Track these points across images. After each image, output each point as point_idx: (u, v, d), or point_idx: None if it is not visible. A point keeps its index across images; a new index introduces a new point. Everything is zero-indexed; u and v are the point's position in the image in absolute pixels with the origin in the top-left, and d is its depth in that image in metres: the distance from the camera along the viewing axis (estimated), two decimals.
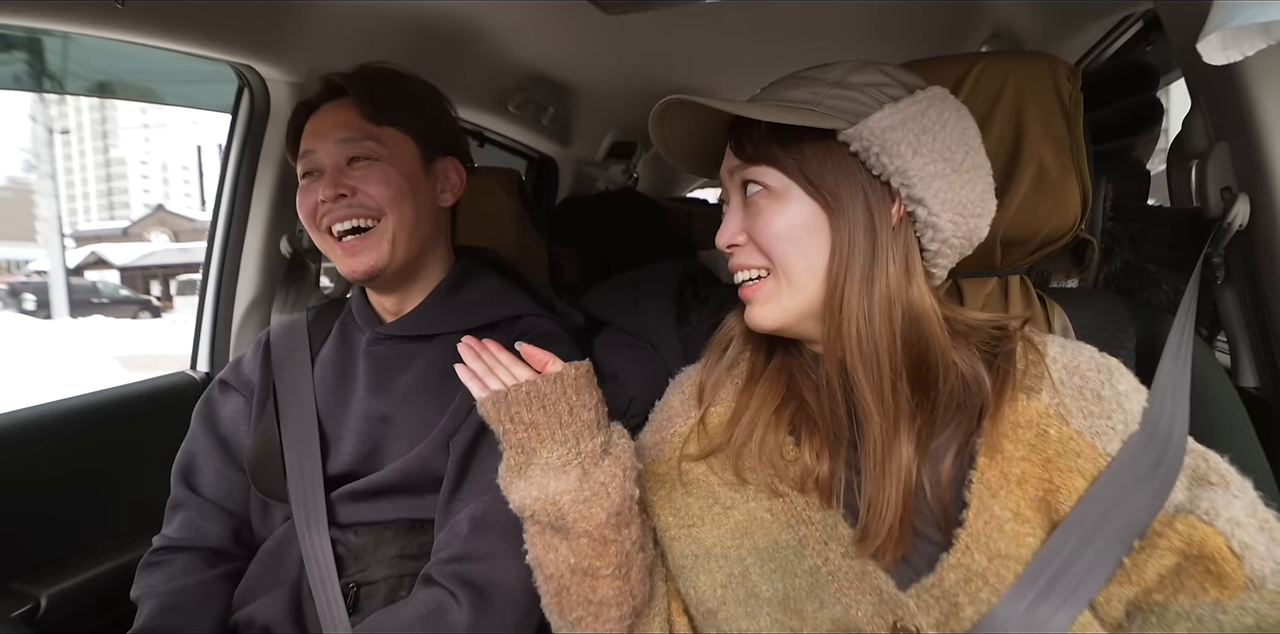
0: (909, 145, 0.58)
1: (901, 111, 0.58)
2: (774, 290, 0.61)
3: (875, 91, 0.60)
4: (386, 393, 0.87)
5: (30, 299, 16.40)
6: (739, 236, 0.63)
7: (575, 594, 0.63)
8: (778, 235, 0.60)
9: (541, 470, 0.62)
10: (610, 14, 1.21)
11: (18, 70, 1.22)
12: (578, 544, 0.61)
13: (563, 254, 1.49)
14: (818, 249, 0.59)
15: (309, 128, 0.88)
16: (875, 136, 0.57)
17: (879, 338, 0.57)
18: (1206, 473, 0.56)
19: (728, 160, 0.65)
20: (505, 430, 0.64)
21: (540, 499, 0.61)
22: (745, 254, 0.63)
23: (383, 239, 0.84)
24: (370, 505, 0.83)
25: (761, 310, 0.62)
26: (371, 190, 0.84)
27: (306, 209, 0.86)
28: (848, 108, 0.59)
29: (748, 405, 0.65)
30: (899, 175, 0.58)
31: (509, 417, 0.64)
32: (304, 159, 0.87)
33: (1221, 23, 0.58)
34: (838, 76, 0.61)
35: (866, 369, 0.58)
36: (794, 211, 0.60)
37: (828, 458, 0.60)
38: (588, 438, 0.63)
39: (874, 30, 1.48)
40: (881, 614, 0.56)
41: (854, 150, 0.58)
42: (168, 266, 25.66)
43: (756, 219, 0.61)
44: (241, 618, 0.82)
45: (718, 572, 0.62)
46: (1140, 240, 1.06)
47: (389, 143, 0.86)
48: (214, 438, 0.92)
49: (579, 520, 0.60)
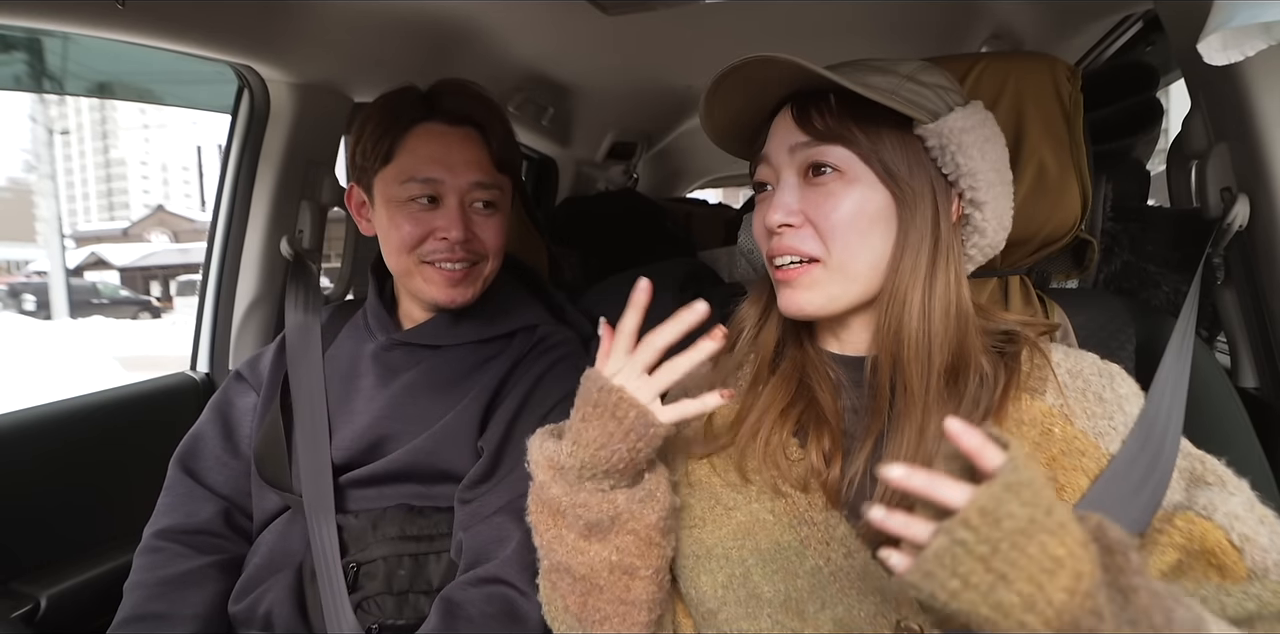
0: (978, 149, 0.59)
1: (971, 117, 0.59)
2: (822, 278, 0.59)
3: (944, 93, 0.60)
4: (391, 389, 0.89)
5: (30, 300, 16.40)
6: (795, 216, 0.59)
7: (609, 594, 0.60)
8: (846, 221, 0.58)
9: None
10: (610, 14, 1.21)
11: (18, 71, 1.22)
12: (623, 541, 0.59)
13: (563, 254, 1.49)
14: (882, 240, 0.58)
15: (429, 151, 0.86)
16: (953, 136, 0.58)
17: (935, 334, 0.57)
18: (1203, 474, 0.57)
19: (785, 136, 0.61)
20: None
21: (597, 495, 0.59)
22: (798, 238, 0.59)
23: (480, 277, 0.90)
24: (375, 491, 0.86)
25: (806, 296, 0.60)
26: (488, 239, 0.89)
27: (414, 239, 0.86)
28: (923, 104, 0.59)
29: (754, 406, 0.65)
30: (969, 176, 0.59)
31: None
32: (424, 184, 0.85)
33: (1222, 23, 0.58)
34: (910, 71, 0.61)
35: (919, 365, 0.57)
36: (865, 197, 0.58)
37: (838, 460, 0.60)
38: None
39: (874, 30, 1.48)
40: (884, 614, 0.56)
41: (929, 145, 0.58)
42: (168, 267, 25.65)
43: (824, 201, 0.58)
44: (244, 606, 0.83)
45: (719, 572, 0.62)
46: (1140, 241, 1.06)
47: (505, 191, 0.91)
48: (221, 425, 0.95)
49: (630, 519, 0.59)
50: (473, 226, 0.87)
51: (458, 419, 0.85)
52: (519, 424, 0.84)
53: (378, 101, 0.90)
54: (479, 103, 0.90)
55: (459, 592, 0.75)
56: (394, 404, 0.88)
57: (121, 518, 1.08)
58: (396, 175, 0.86)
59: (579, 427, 0.59)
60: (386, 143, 0.86)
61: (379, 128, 0.87)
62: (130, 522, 0.94)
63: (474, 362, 0.90)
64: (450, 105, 0.88)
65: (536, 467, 0.61)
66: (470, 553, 0.79)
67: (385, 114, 0.88)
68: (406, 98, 0.89)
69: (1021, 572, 0.41)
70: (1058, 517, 0.42)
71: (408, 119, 0.87)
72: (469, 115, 0.88)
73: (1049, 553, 0.41)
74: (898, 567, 0.45)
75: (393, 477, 0.85)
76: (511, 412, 0.84)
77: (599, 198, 2.25)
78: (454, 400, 0.86)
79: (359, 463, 0.86)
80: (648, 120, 2.21)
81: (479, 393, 0.86)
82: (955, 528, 0.42)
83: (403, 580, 0.82)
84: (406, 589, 0.81)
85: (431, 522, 0.84)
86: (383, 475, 0.85)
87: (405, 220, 0.86)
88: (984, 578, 0.41)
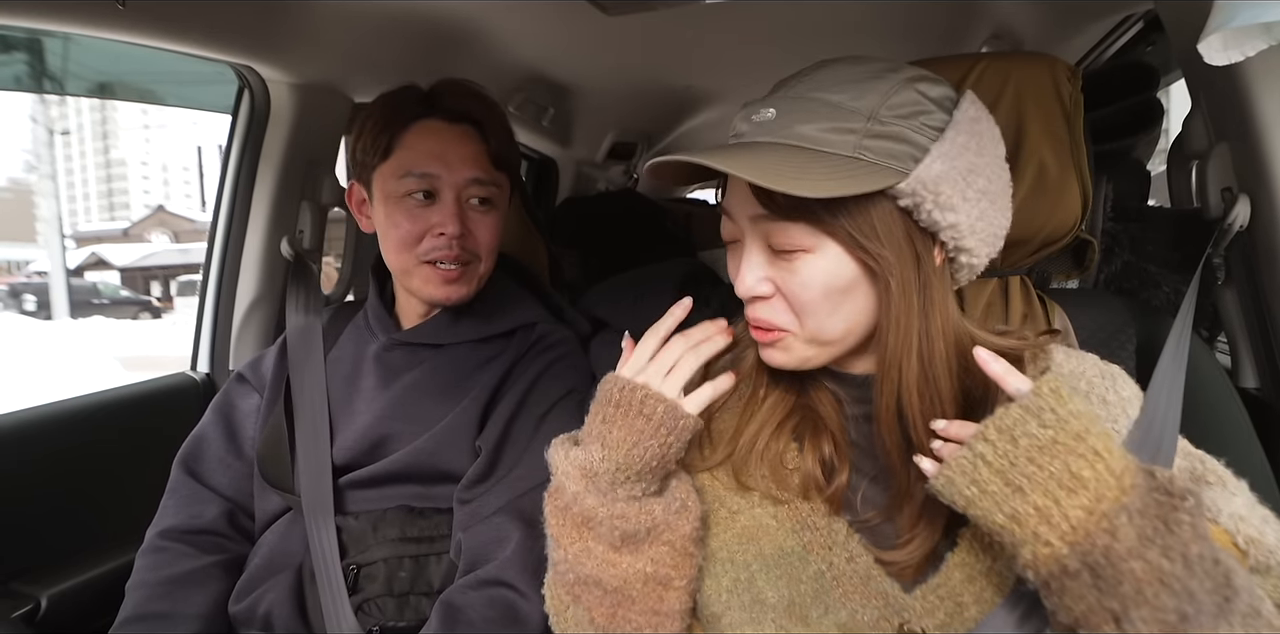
0: (958, 192, 0.53)
1: (947, 153, 0.53)
2: (795, 344, 0.58)
3: (917, 125, 0.53)
4: (392, 390, 0.89)
5: (31, 300, 16.40)
6: (763, 285, 0.56)
7: (641, 605, 0.58)
8: (817, 298, 0.55)
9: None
10: (610, 14, 1.21)
11: (18, 71, 1.22)
12: (657, 552, 0.58)
13: (563, 254, 1.49)
14: (855, 308, 0.56)
15: (427, 147, 0.86)
16: (928, 190, 0.52)
17: (939, 370, 0.55)
18: (1204, 474, 0.56)
19: (744, 204, 0.56)
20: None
21: (633, 505, 0.57)
22: (770, 311, 0.57)
23: (474, 276, 0.90)
24: (375, 493, 0.86)
25: (781, 357, 0.59)
26: (482, 237, 0.89)
27: (412, 236, 0.86)
28: (892, 151, 0.52)
29: (752, 418, 0.64)
30: (950, 229, 0.54)
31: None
32: (420, 180, 0.86)
33: (1222, 23, 0.58)
34: (871, 108, 0.52)
35: (924, 403, 0.55)
36: (834, 273, 0.54)
37: (845, 469, 0.60)
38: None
39: (874, 30, 1.48)
40: (887, 617, 0.56)
41: (902, 205, 0.53)
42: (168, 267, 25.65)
43: (790, 278, 0.55)
44: (244, 607, 0.83)
45: (724, 576, 0.61)
46: (1140, 241, 1.06)
47: (503, 189, 0.91)
48: (224, 427, 0.95)
49: (666, 530, 0.58)
50: (468, 223, 0.87)
51: (458, 419, 0.85)
52: (517, 424, 0.84)
53: (379, 99, 0.91)
54: (478, 101, 0.90)
55: (459, 595, 0.75)
56: (395, 405, 0.88)
57: (122, 518, 1.08)
58: (394, 170, 0.87)
59: (602, 430, 0.58)
60: (385, 138, 0.87)
61: (379, 124, 0.88)
62: (131, 522, 0.94)
63: (474, 362, 0.90)
64: (450, 103, 0.89)
65: (566, 477, 0.59)
66: (469, 553, 0.78)
67: (386, 111, 0.88)
68: (408, 96, 0.90)
69: (1038, 486, 0.46)
70: (1092, 443, 0.46)
71: (408, 115, 0.88)
72: (468, 113, 0.89)
73: (1073, 472, 0.45)
74: (928, 470, 0.51)
75: (393, 478, 0.85)
76: (509, 411, 0.85)
77: (599, 198, 2.25)
78: (455, 401, 0.86)
79: (360, 464, 0.86)
80: (648, 120, 2.21)
81: (478, 393, 0.87)
82: (975, 442, 0.48)
83: (403, 582, 0.81)
84: (407, 591, 0.81)
85: (432, 523, 0.84)
86: (383, 476, 0.85)
87: (403, 217, 0.86)
88: (1000, 488, 0.47)
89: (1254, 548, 0.52)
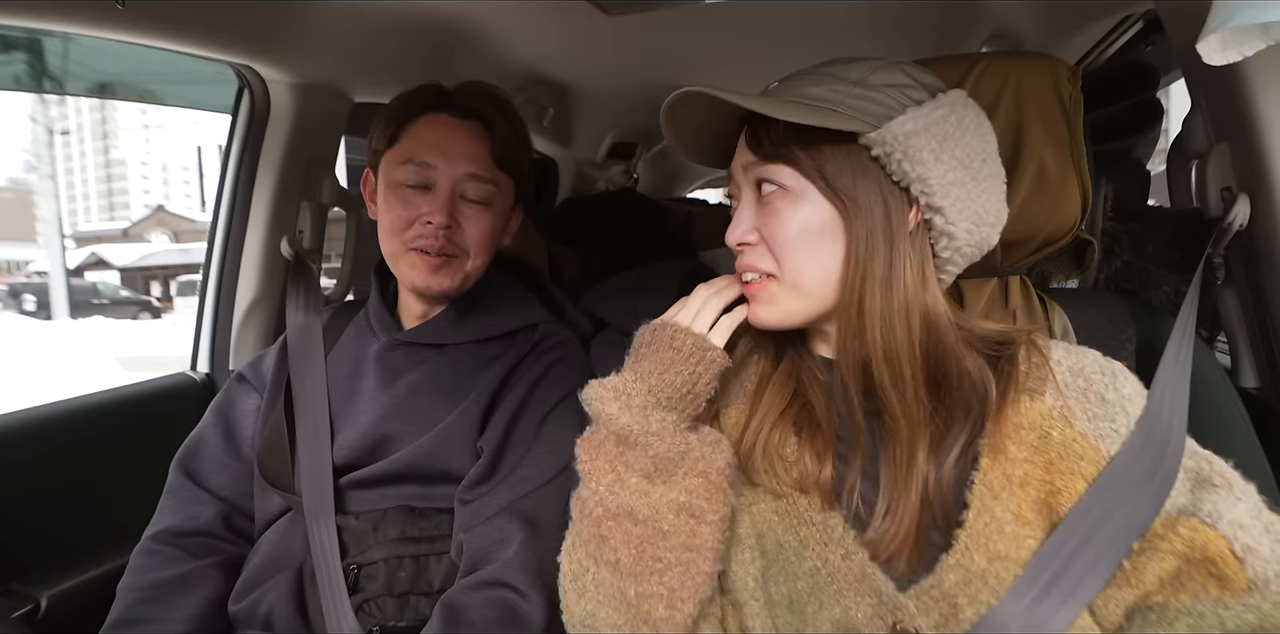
0: (931, 152, 0.56)
1: (924, 116, 0.57)
2: (778, 293, 0.61)
3: (897, 93, 0.58)
4: (394, 390, 0.89)
5: (30, 300, 16.38)
6: (750, 235, 0.62)
7: (673, 539, 0.58)
8: (792, 238, 0.59)
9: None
10: (610, 14, 1.21)
11: (18, 71, 1.22)
12: (691, 483, 0.59)
13: (563, 254, 1.49)
14: (831, 254, 0.59)
15: (431, 138, 0.88)
16: (898, 142, 0.56)
17: (899, 344, 0.57)
18: (1210, 475, 0.56)
19: (741, 155, 0.63)
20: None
21: (669, 427, 0.59)
22: (755, 255, 0.62)
23: (460, 270, 0.90)
24: (376, 493, 0.86)
25: (764, 310, 0.62)
26: (471, 232, 0.89)
27: (403, 221, 0.87)
28: (870, 109, 0.58)
29: (757, 409, 0.65)
30: (920, 183, 0.57)
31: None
32: (419, 169, 0.87)
33: (1221, 23, 0.58)
34: (859, 75, 0.59)
35: (893, 376, 0.57)
36: (809, 213, 0.59)
37: (830, 461, 0.60)
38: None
39: (874, 30, 1.47)
40: (881, 616, 0.56)
41: (875, 155, 0.57)
42: (168, 267, 25.64)
43: (772, 219, 0.60)
44: (244, 607, 0.83)
45: (751, 564, 0.62)
46: (1140, 241, 1.06)
47: (502, 190, 0.92)
48: (223, 427, 0.95)
49: (700, 461, 0.59)
50: (459, 216, 0.88)
51: (459, 420, 0.85)
52: (519, 425, 0.84)
53: (400, 93, 0.93)
54: (491, 101, 0.92)
55: (460, 596, 0.75)
56: (396, 405, 0.88)
57: (122, 518, 1.08)
58: (397, 157, 0.88)
59: (633, 365, 0.62)
60: (394, 126, 0.90)
61: (391, 113, 0.91)
62: (130, 522, 0.94)
63: (476, 362, 0.90)
64: (462, 100, 0.91)
65: (600, 401, 0.61)
66: (471, 554, 0.78)
67: (402, 102, 0.91)
68: (426, 91, 0.92)
69: None
70: None
71: (419, 107, 0.90)
72: (478, 110, 0.90)
73: None
74: None
75: (394, 478, 0.85)
76: (511, 412, 0.85)
77: (599, 198, 2.25)
78: (456, 401, 0.86)
79: (361, 464, 0.86)
80: (648, 120, 2.21)
81: (480, 394, 0.87)
82: None
83: (404, 582, 0.81)
84: (407, 591, 0.81)
85: (432, 523, 0.84)
86: (384, 476, 0.85)
87: (397, 203, 0.88)
88: None
89: (1250, 557, 0.51)
